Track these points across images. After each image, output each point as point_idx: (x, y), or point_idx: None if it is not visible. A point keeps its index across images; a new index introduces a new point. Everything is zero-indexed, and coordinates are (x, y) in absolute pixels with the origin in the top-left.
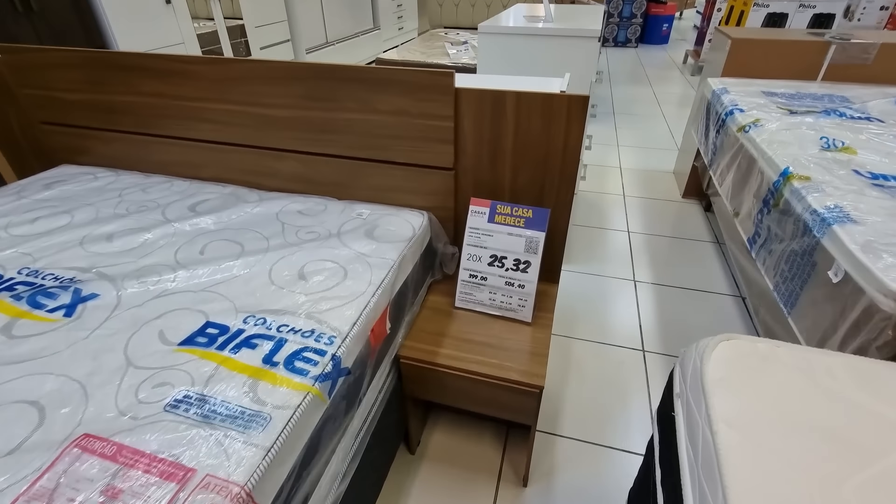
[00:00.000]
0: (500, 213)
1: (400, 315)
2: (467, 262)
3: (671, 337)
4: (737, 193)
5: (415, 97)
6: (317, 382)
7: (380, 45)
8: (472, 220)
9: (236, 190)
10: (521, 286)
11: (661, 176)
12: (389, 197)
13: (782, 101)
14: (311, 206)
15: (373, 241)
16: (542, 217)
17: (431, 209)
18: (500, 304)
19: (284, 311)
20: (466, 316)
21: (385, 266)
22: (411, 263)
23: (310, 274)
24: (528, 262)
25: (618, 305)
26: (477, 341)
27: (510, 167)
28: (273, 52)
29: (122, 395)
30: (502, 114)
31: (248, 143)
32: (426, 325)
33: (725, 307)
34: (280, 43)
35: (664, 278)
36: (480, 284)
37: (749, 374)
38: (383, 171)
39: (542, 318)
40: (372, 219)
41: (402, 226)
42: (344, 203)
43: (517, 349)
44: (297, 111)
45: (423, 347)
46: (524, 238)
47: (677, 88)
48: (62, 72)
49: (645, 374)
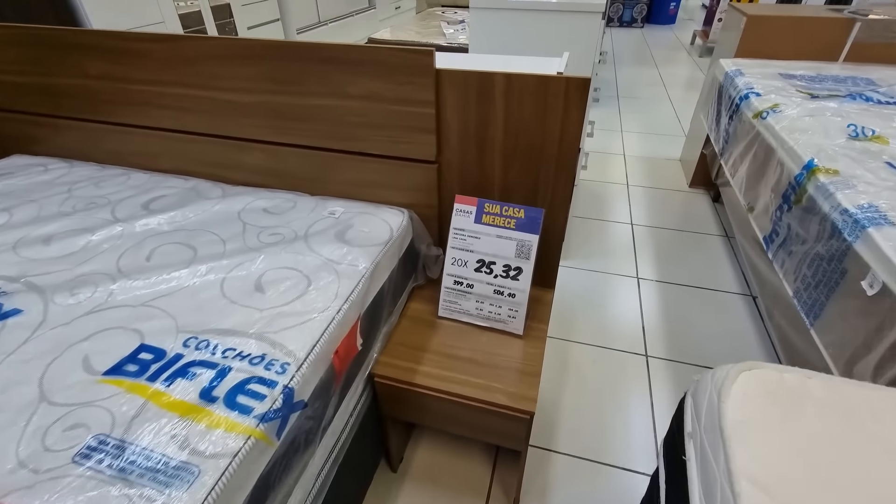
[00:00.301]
0: (488, 212)
1: (374, 327)
2: (451, 268)
3: (676, 340)
4: (752, 186)
5: (391, 80)
6: (262, 423)
7: (375, 24)
8: (457, 221)
9: (198, 184)
10: (511, 295)
11: (667, 164)
12: (366, 193)
13: (802, 84)
14: (279, 203)
15: (344, 244)
16: (535, 218)
17: (413, 207)
18: (487, 315)
19: (233, 332)
20: (450, 327)
21: (356, 275)
22: (388, 269)
23: (268, 285)
24: (518, 269)
25: (619, 305)
26: (461, 357)
27: (500, 160)
28: (261, 31)
29: (27, 440)
30: (490, 99)
31: (209, 131)
32: (405, 338)
33: (735, 307)
34: (269, 23)
35: (669, 275)
36: (466, 292)
37: (777, 415)
38: (358, 165)
39: (536, 329)
40: (345, 218)
41: (379, 226)
42: (316, 199)
43: (506, 367)
44: (260, 96)
45: (400, 364)
46: (515, 242)
47: (684, 70)
48: (3, 51)
49: (648, 382)
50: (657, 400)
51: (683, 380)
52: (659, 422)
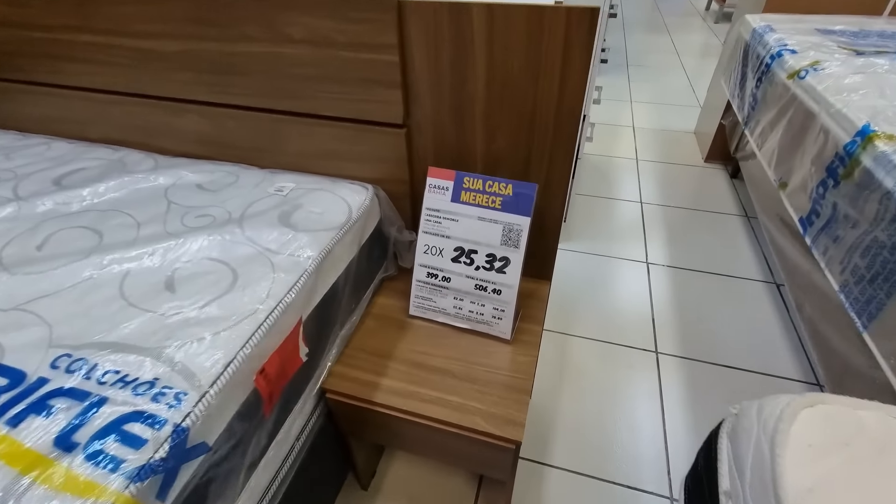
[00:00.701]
0: (468, 188)
1: (327, 330)
2: (424, 257)
3: (691, 334)
4: (785, 159)
5: (340, 17)
6: (133, 484)
7: None
8: (431, 199)
9: (127, 155)
10: (496, 291)
11: (681, 137)
12: (324, 165)
13: (844, 41)
14: (218, 178)
15: (287, 229)
16: (526, 196)
17: (380, 182)
18: (468, 315)
19: (122, 346)
20: (423, 329)
21: (297, 268)
22: (345, 259)
23: (182, 281)
24: (505, 260)
25: (626, 294)
26: (435, 367)
27: (482, 123)
28: None
29: None
30: (468, 40)
31: (134, 90)
32: (368, 342)
33: (757, 296)
34: None
35: (682, 260)
36: (442, 287)
37: (861, 480)
38: (311, 130)
39: (527, 332)
40: (294, 196)
41: (335, 206)
42: (263, 173)
43: (489, 381)
44: (185, 42)
45: (359, 377)
46: (501, 226)
47: (699, 37)
48: None
49: (658, 384)
50: (669, 405)
51: (700, 382)
52: (671, 431)
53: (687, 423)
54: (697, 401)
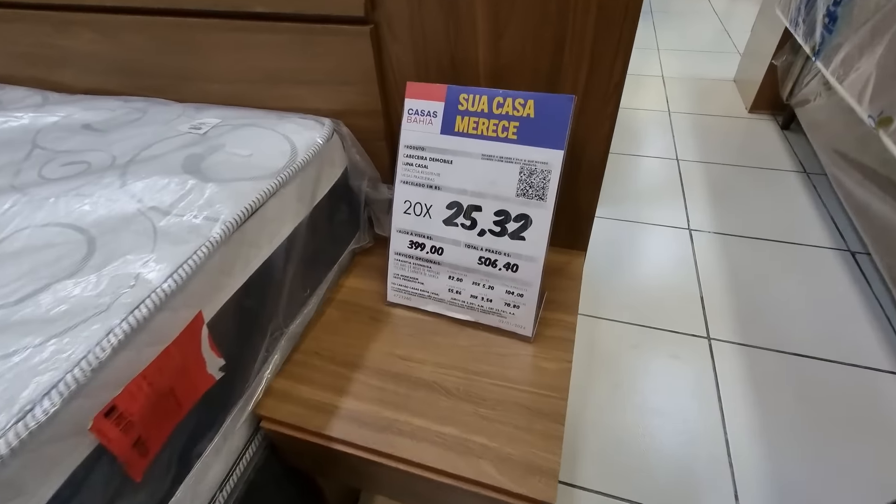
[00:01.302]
0: (466, 111)
1: (259, 330)
2: (405, 218)
3: (748, 316)
4: (887, 87)
5: None
6: None
7: None
8: (411, 131)
9: (8, 92)
10: (510, 267)
11: (718, 86)
12: (269, 95)
13: None
14: (119, 116)
15: (191, 177)
16: (557, 115)
17: (343, 115)
18: (469, 302)
19: None
20: (407, 322)
21: (195, 235)
22: (290, 222)
23: (5, 260)
24: (525, 219)
25: (667, 267)
26: (421, 381)
27: (484, 8)
28: None
29: None
30: None
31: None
32: (327, 343)
33: (827, 268)
34: None
35: (731, 225)
36: (430, 262)
37: None
38: (242, 39)
39: (556, 325)
40: (216, 134)
41: (271, 146)
42: (184, 108)
43: (502, 401)
44: None
45: (310, 397)
46: (518, 166)
47: None
48: None
49: (714, 379)
50: (730, 407)
51: (765, 375)
52: (734, 441)
53: (754, 428)
54: (765, 401)
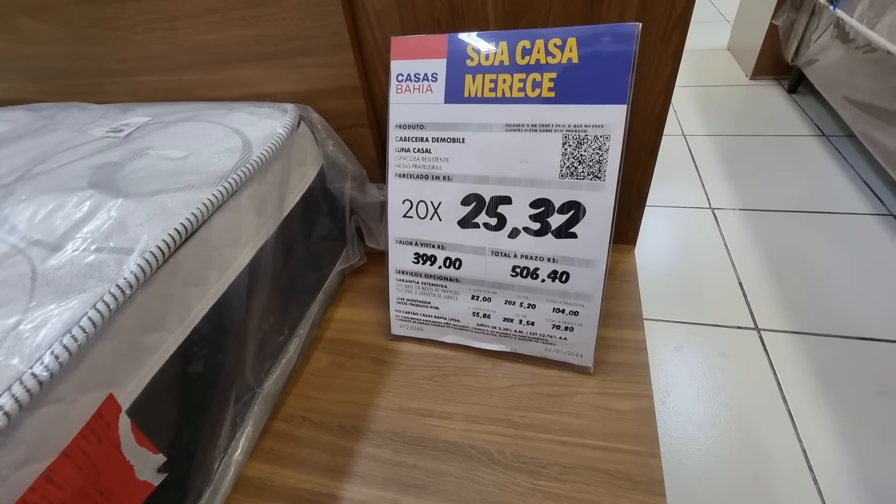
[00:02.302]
0: (477, 66)
1: (221, 399)
2: (404, 224)
3: (797, 300)
4: None
5: None
6: None
7: None
8: (401, 105)
9: None
10: (559, 277)
11: (712, 55)
12: (210, 81)
13: None
14: (21, 127)
15: (99, 193)
16: (616, 55)
17: (312, 99)
18: (502, 328)
19: None
20: (419, 360)
21: (99, 280)
22: (248, 245)
23: None
24: (576, 209)
25: (696, 253)
26: (447, 447)
27: None
28: None
29: None
30: None
31: None
32: (314, 404)
33: (871, 236)
34: None
35: (754, 199)
36: (446, 279)
37: None
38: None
39: (620, 348)
40: (142, 134)
41: (215, 143)
42: (108, 109)
43: (570, 467)
44: None
45: (294, 486)
46: (560, 134)
47: None
48: None
49: (773, 374)
50: (797, 406)
51: (828, 364)
52: (807, 437)
53: (829, 426)
54: (836, 394)
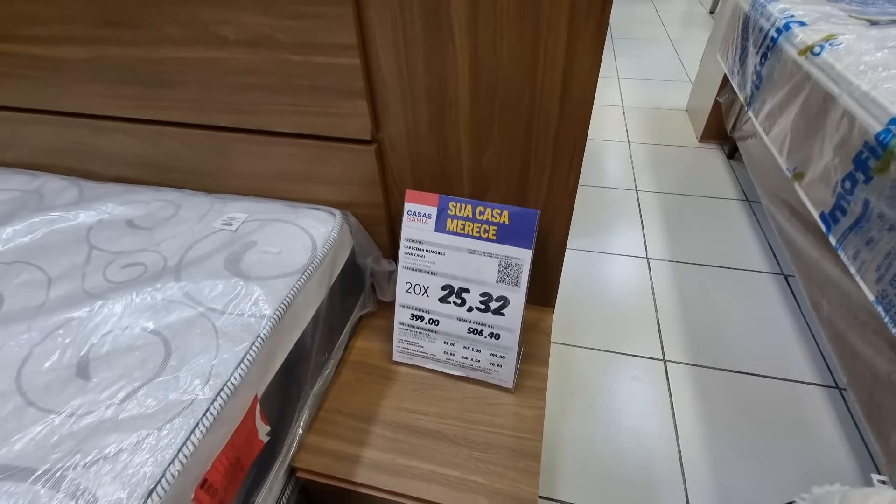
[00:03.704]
0: (454, 215)
1: (293, 397)
2: (407, 296)
3: (699, 338)
4: (800, 146)
5: (280, 11)
6: None
7: None
8: (410, 228)
9: (46, 183)
10: (493, 336)
11: (672, 115)
12: (281, 189)
13: (854, 9)
14: (154, 211)
15: (236, 279)
16: (525, 224)
17: (350, 206)
18: (461, 362)
19: (11, 470)
20: (411, 378)
21: (249, 333)
22: (313, 305)
23: (99, 363)
24: (504, 300)
25: (628, 294)
26: (426, 431)
27: (468, 135)
28: None
29: None
30: (445, 30)
31: (44, 106)
32: (345, 401)
33: (764, 289)
34: None
35: (684, 253)
36: (429, 331)
37: None
38: (262, 149)
39: (532, 377)
40: (246, 231)
41: (296, 241)
42: (211, 200)
43: (491, 444)
44: (92, 48)
45: (335, 449)
46: (497, 260)
47: (681, 5)
48: None
49: (669, 397)
50: (683, 421)
51: (712, 392)
52: (686, 452)
53: (702, 437)
54: (711, 414)
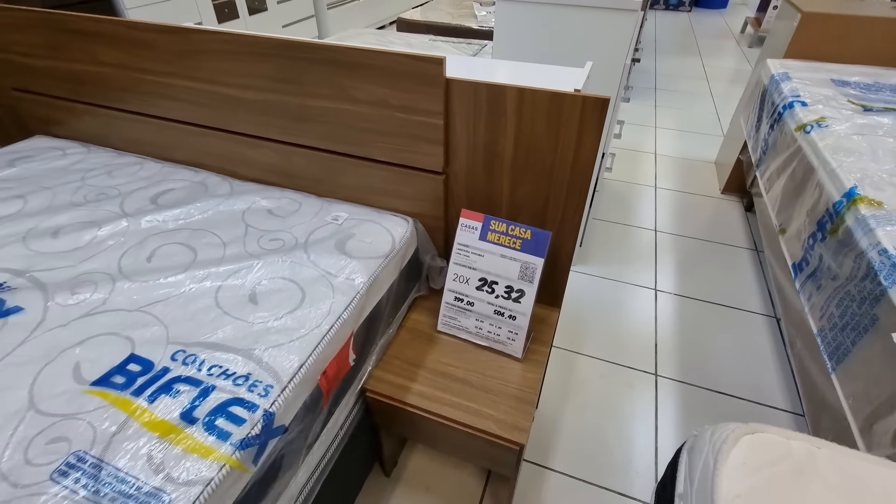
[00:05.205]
0: (493, 230)
1: (370, 341)
2: (453, 283)
3: (690, 361)
4: (786, 206)
5: (396, 86)
6: (237, 451)
7: (409, 0)
8: (462, 236)
9: (207, 178)
10: (511, 317)
11: (701, 166)
12: (373, 198)
13: (855, 94)
14: (284, 205)
15: (343, 256)
16: (541, 241)
17: (419, 216)
18: (487, 335)
19: (221, 346)
20: (449, 343)
21: (352, 290)
22: (388, 282)
23: (262, 296)
24: (521, 292)
25: (633, 318)
26: (457, 377)
27: (509, 177)
28: (292, 6)
29: (11, 450)
30: (501, 113)
31: (217, 125)
32: (402, 352)
33: (757, 329)
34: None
35: (690, 289)
36: (466, 310)
37: (777, 492)
38: (365, 170)
39: (536, 353)
40: (348, 225)
41: (381, 236)
42: (321, 202)
43: (501, 392)
44: (267, 94)
45: (393, 381)
46: (519, 263)
47: (730, 62)
48: (22, 34)
49: (654, 404)
50: (662, 424)
51: (693, 405)
52: (662, 448)
53: (677, 441)
54: (689, 422)
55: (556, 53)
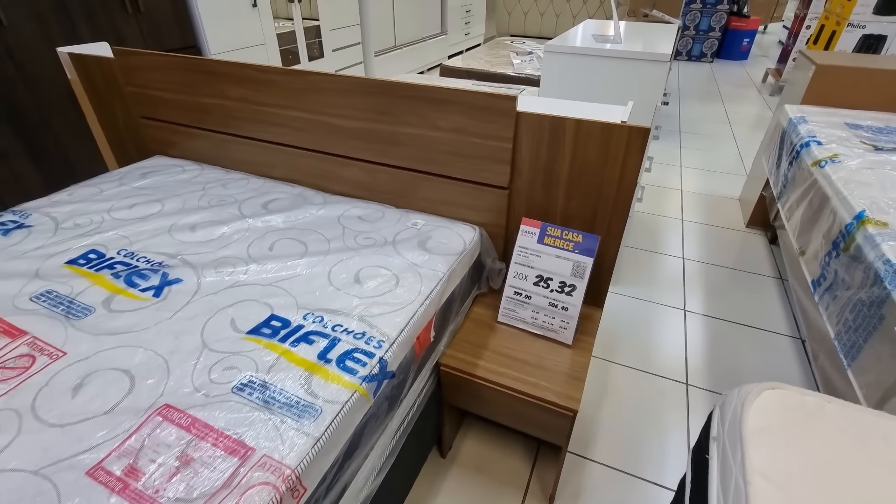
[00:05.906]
0: (549, 234)
1: (444, 324)
2: (513, 280)
3: (719, 373)
4: (805, 232)
5: (475, 117)
6: (364, 382)
7: (446, 49)
8: (522, 240)
9: (304, 191)
10: (564, 308)
11: (726, 202)
12: (444, 209)
13: (868, 136)
14: (370, 213)
15: (425, 252)
16: (591, 243)
17: (483, 225)
18: (542, 324)
19: (339, 312)
20: (508, 332)
21: (434, 278)
22: (459, 276)
23: (365, 279)
24: (573, 286)
25: (664, 334)
26: (516, 358)
27: (564, 192)
28: (344, 53)
29: (198, 373)
30: (560, 139)
31: (316, 148)
32: (468, 337)
33: (782, 348)
34: (351, 45)
35: (718, 311)
36: (524, 302)
37: (792, 428)
38: (440, 185)
39: (583, 341)
40: (426, 230)
41: (454, 239)
42: (400, 212)
43: (555, 370)
44: (363, 123)
45: (463, 358)
46: (571, 262)
47: (752, 108)
48: (162, 73)
49: (686, 409)
50: (693, 426)
51: None
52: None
53: None
54: None
55: (594, 97)
